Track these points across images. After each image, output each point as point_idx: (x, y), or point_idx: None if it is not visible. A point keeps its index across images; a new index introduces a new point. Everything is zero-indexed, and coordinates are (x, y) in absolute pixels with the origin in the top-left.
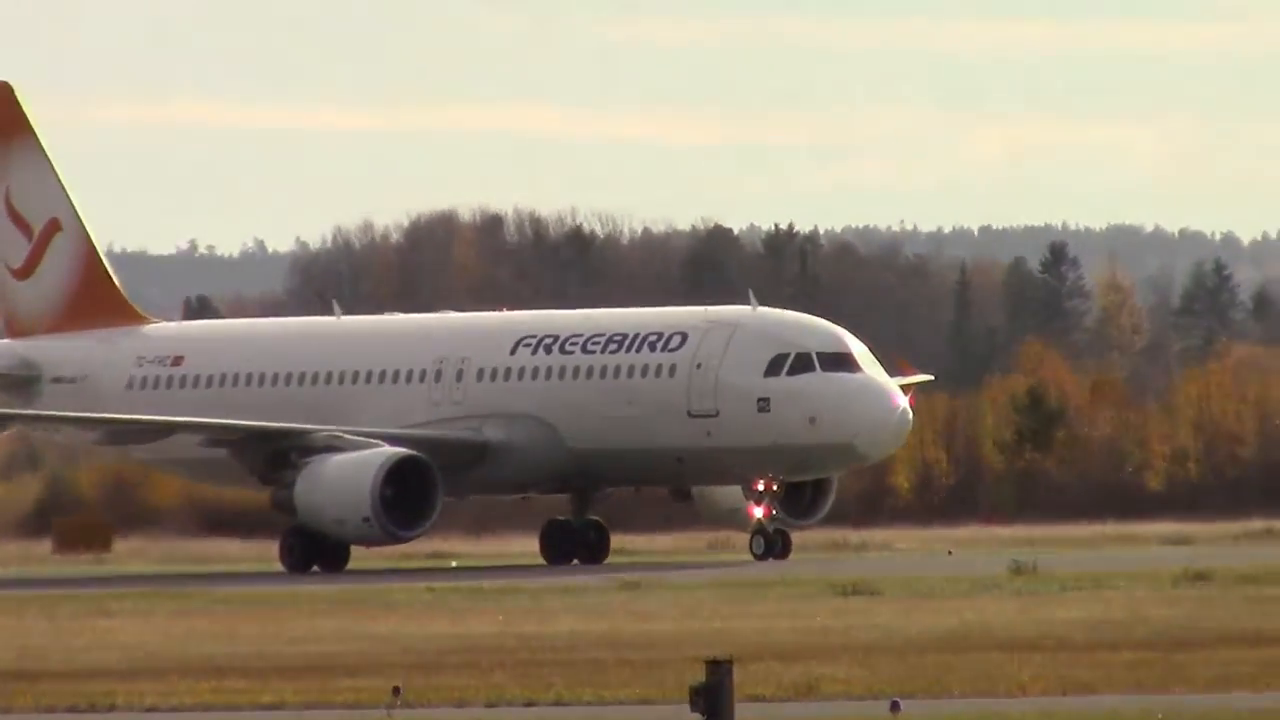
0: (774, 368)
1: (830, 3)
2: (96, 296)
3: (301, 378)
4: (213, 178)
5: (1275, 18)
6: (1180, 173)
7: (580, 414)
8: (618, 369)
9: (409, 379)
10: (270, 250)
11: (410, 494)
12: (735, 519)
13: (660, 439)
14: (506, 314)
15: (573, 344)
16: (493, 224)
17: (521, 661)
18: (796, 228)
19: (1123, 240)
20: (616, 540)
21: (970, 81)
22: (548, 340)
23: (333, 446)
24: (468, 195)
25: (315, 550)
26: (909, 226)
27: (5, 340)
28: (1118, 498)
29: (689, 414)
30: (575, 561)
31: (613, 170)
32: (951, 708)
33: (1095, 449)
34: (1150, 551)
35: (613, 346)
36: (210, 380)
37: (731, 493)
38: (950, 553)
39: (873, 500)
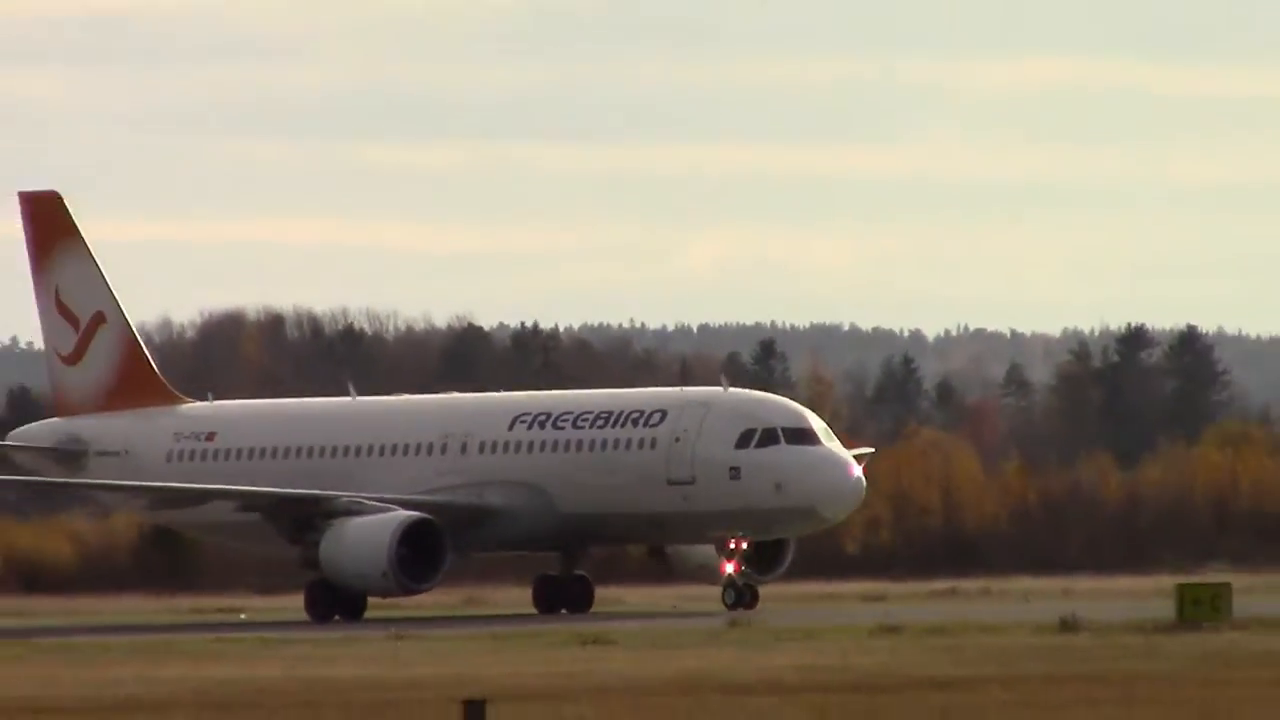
0: (744, 441)
1: (557, 132)
2: (136, 380)
3: (322, 450)
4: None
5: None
6: (873, 277)
7: (570, 482)
8: (604, 442)
9: (418, 451)
10: None
11: (422, 552)
12: (704, 574)
13: (642, 504)
14: (504, 394)
15: (564, 420)
16: (275, 322)
17: (302, 702)
18: (540, 325)
19: (823, 337)
20: (601, 592)
21: (680, 198)
22: (541, 417)
23: (353, 510)
24: (253, 296)
25: (336, 601)
26: (637, 324)
27: (56, 420)
28: (820, 560)
29: (668, 482)
30: (564, 611)
31: (380, 274)
32: None
33: None
34: (851, 607)
35: (600, 422)
36: (240, 453)
37: (701, 551)
38: (675, 607)
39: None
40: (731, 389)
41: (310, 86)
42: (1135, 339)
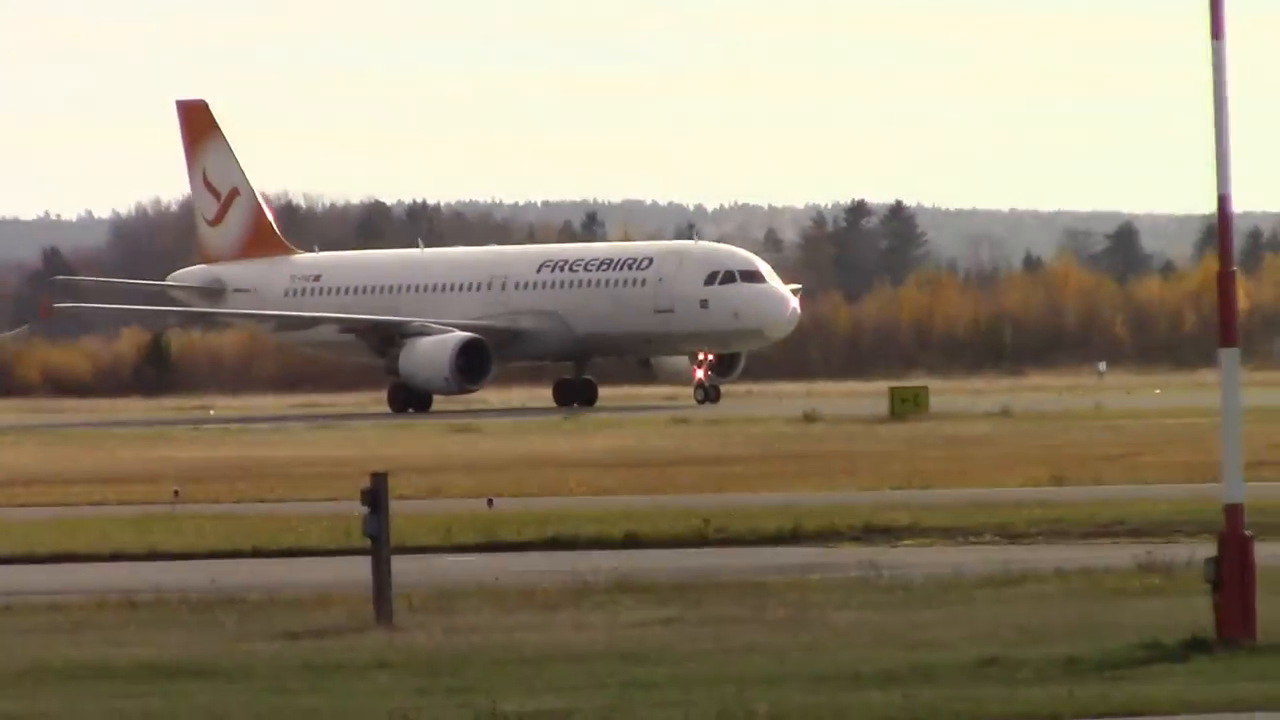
0: (710, 280)
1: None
2: (262, 237)
3: (399, 288)
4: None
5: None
6: (661, 160)
7: (582, 311)
8: (607, 281)
9: (469, 289)
10: (96, 216)
11: (474, 362)
12: (680, 379)
13: (635, 327)
14: (533, 246)
15: (577, 265)
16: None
17: (254, 474)
18: (427, 200)
19: (632, 209)
20: (604, 391)
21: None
22: (560, 263)
23: (423, 332)
24: None
25: (410, 398)
26: (497, 200)
27: (201, 265)
28: (639, 372)
29: (654, 310)
30: (575, 405)
31: (314, 160)
32: (529, 503)
33: None
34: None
35: (604, 267)
36: (340, 290)
37: (676, 360)
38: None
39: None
40: (700, 241)
41: None
42: (858, 210)
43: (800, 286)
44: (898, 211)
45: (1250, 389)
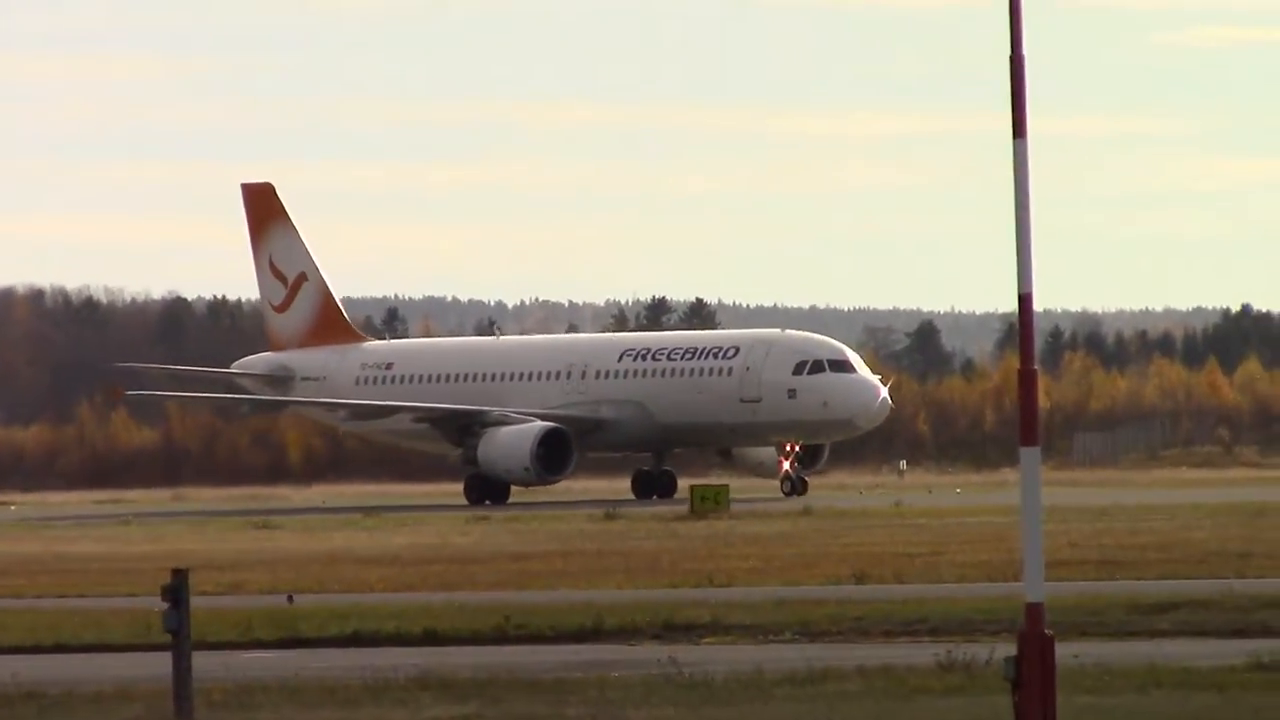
0: (799, 369)
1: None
2: (330, 323)
3: (475, 377)
4: None
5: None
6: (467, 261)
7: (666, 400)
8: (692, 370)
9: (548, 378)
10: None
11: (555, 452)
12: (763, 470)
13: (721, 416)
14: (613, 334)
15: (660, 354)
16: (37, 296)
17: (51, 570)
18: (228, 296)
19: (434, 306)
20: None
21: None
22: (643, 351)
23: (503, 421)
24: (22, 276)
25: (487, 489)
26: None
27: (268, 353)
28: (418, 470)
29: (740, 400)
30: (655, 496)
31: (113, 258)
32: (329, 600)
33: None
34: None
35: (689, 355)
36: (413, 378)
37: (759, 452)
38: (324, 503)
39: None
40: (787, 331)
41: None
42: (658, 306)
43: (892, 380)
44: (698, 309)
45: (1050, 487)
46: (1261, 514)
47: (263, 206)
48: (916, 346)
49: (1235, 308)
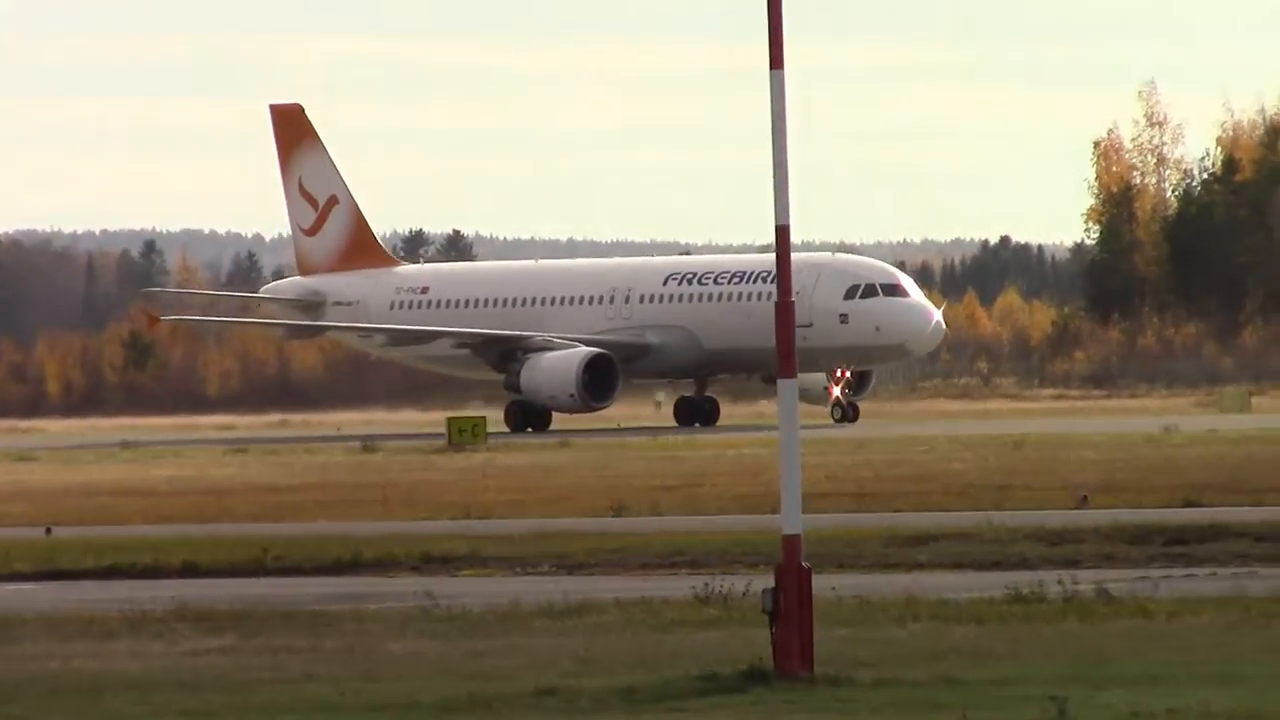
0: (850, 293)
1: None
2: (363, 247)
3: (514, 301)
4: None
5: None
6: (223, 193)
7: (713, 325)
8: (740, 295)
9: (592, 301)
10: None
11: (599, 378)
12: (808, 396)
13: (770, 342)
14: (659, 258)
15: (706, 278)
16: None
17: None
18: None
19: (191, 238)
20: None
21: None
22: (689, 275)
23: (546, 347)
24: None
25: (529, 416)
26: (55, 229)
27: (298, 277)
28: (190, 398)
29: None
30: (697, 425)
31: None
32: (87, 532)
33: (175, 370)
34: (209, 435)
35: (736, 279)
36: (449, 303)
37: (805, 378)
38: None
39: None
40: (838, 255)
41: None
42: (416, 239)
43: (945, 304)
44: (455, 240)
45: (808, 420)
46: (1020, 446)
47: (292, 128)
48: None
49: (994, 239)
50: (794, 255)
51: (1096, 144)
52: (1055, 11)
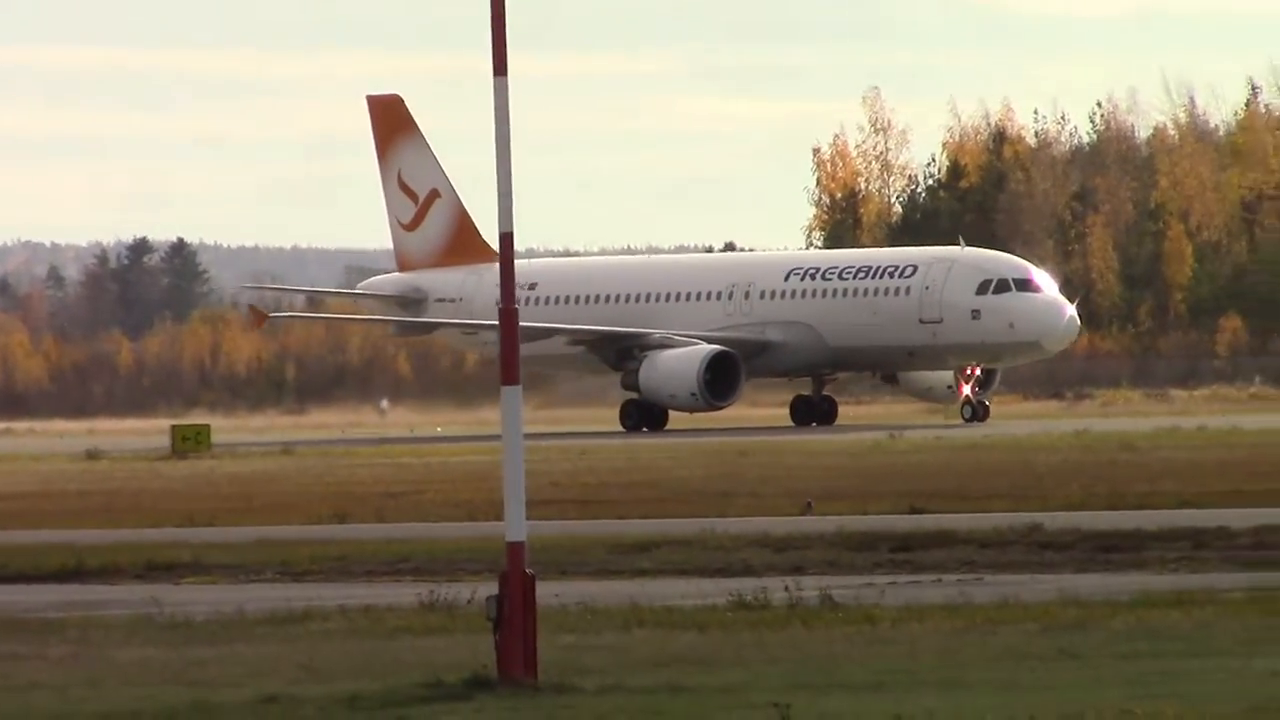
0: (983, 289)
1: None
2: (465, 242)
3: (628, 297)
4: None
5: None
6: None
7: (838, 321)
8: (866, 290)
9: (710, 298)
10: None
11: (720, 377)
12: (932, 395)
13: (897, 339)
14: (780, 253)
15: (830, 273)
16: None
17: None
18: None
19: None
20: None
21: None
22: (812, 270)
23: (665, 344)
24: None
25: (645, 416)
26: None
27: (397, 274)
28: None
29: (919, 321)
30: (814, 425)
31: None
32: None
33: None
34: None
35: (862, 275)
36: (559, 299)
37: (929, 376)
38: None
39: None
40: (968, 248)
41: None
42: (140, 247)
43: (1077, 298)
44: (180, 249)
45: (534, 426)
46: (744, 453)
47: (391, 119)
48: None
49: (719, 246)
50: (920, 250)
51: (815, 151)
52: (781, 16)
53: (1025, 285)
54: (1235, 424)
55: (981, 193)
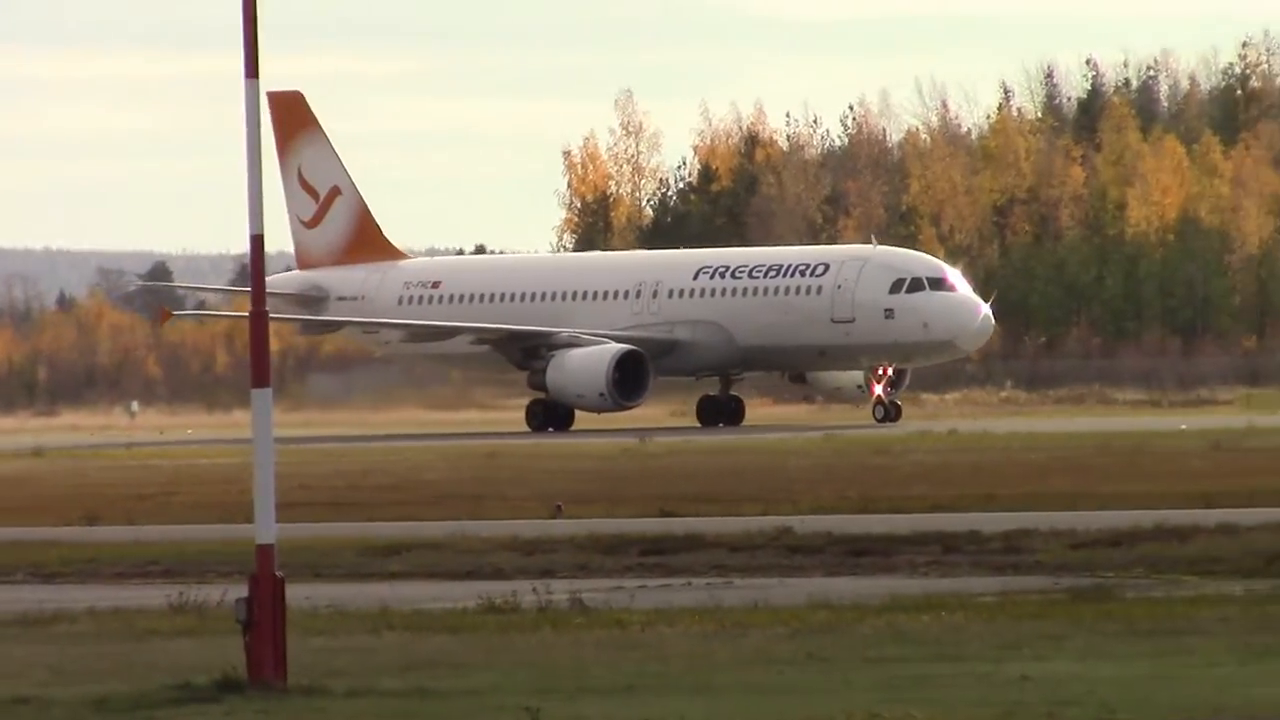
0: (895, 288)
1: None
2: (367, 240)
3: (533, 296)
4: None
5: None
6: None
7: (748, 321)
8: (777, 289)
9: (617, 296)
10: None
11: (629, 376)
12: (840, 395)
13: (809, 338)
14: (687, 251)
15: (740, 272)
16: None
17: None
18: None
19: None
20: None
21: None
22: (721, 269)
23: (573, 343)
24: None
25: (551, 415)
26: None
27: (297, 271)
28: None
29: (831, 321)
30: (721, 425)
31: None
32: None
33: None
34: None
35: (773, 273)
36: (463, 298)
37: (838, 376)
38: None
39: None
40: (881, 246)
41: None
42: None
43: (992, 296)
44: None
45: (283, 429)
46: (493, 455)
47: (291, 116)
48: (149, 288)
49: (469, 249)
50: (831, 249)
51: (566, 153)
52: (532, 18)
53: (939, 284)
54: (986, 428)
55: (733, 196)
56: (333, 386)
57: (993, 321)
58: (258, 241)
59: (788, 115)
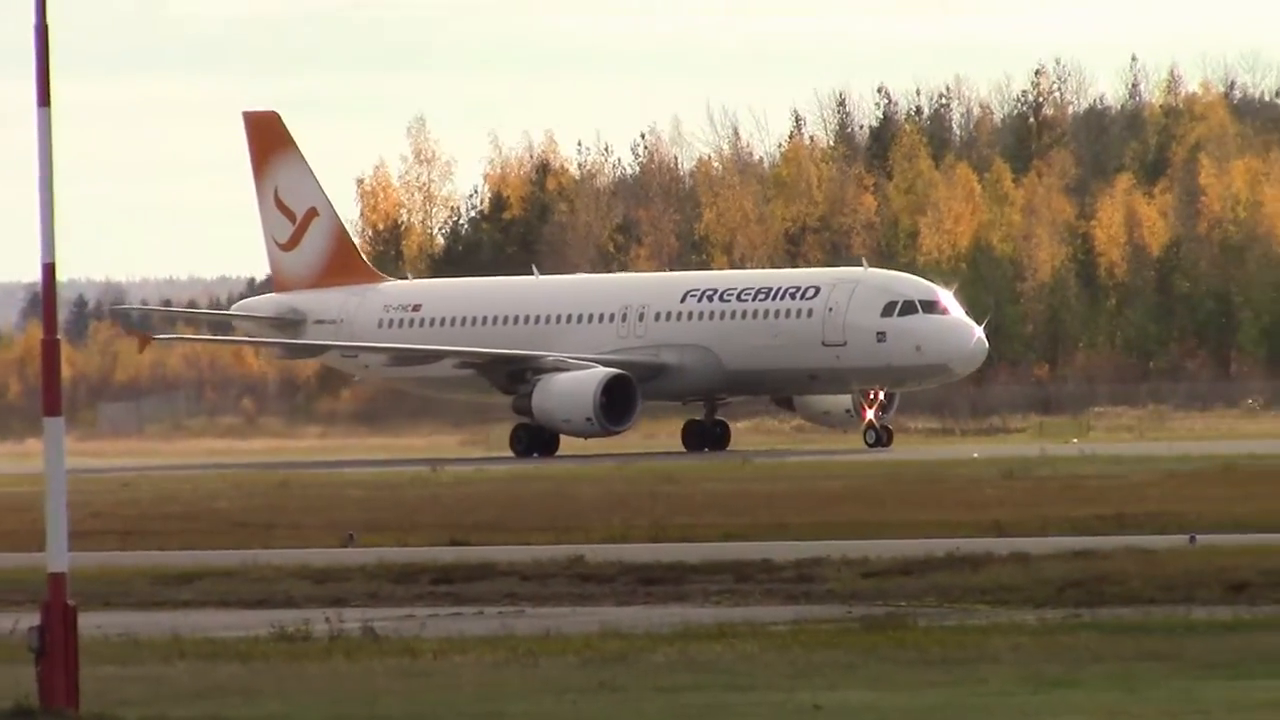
0: (888, 311)
1: None
2: (345, 263)
3: (516, 319)
4: None
5: None
6: None
7: (737, 344)
8: (767, 312)
9: (602, 319)
10: None
11: (616, 401)
12: (829, 420)
13: (799, 362)
14: (674, 273)
15: (729, 294)
16: None
17: None
18: None
19: None
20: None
21: None
22: (709, 291)
23: (559, 367)
24: None
25: (535, 440)
26: None
27: (274, 294)
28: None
29: (822, 344)
30: (706, 450)
31: None
32: None
33: None
34: None
35: (762, 296)
36: (445, 321)
37: (827, 400)
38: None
39: None
40: (872, 269)
41: None
42: None
43: (987, 319)
44: None
45: (75, 458)
46: (285, 485)
47: (267, 136)
48: None
49: (260, 277)
50: (822, 271)
51: (359, 181)
52: (324, 43)
53: (932, 307)
54: (779, 458)
55: (525, 224)
56: (123, 415)
57: (986, 344)
58: (49, 270)
59: (579, 143)
